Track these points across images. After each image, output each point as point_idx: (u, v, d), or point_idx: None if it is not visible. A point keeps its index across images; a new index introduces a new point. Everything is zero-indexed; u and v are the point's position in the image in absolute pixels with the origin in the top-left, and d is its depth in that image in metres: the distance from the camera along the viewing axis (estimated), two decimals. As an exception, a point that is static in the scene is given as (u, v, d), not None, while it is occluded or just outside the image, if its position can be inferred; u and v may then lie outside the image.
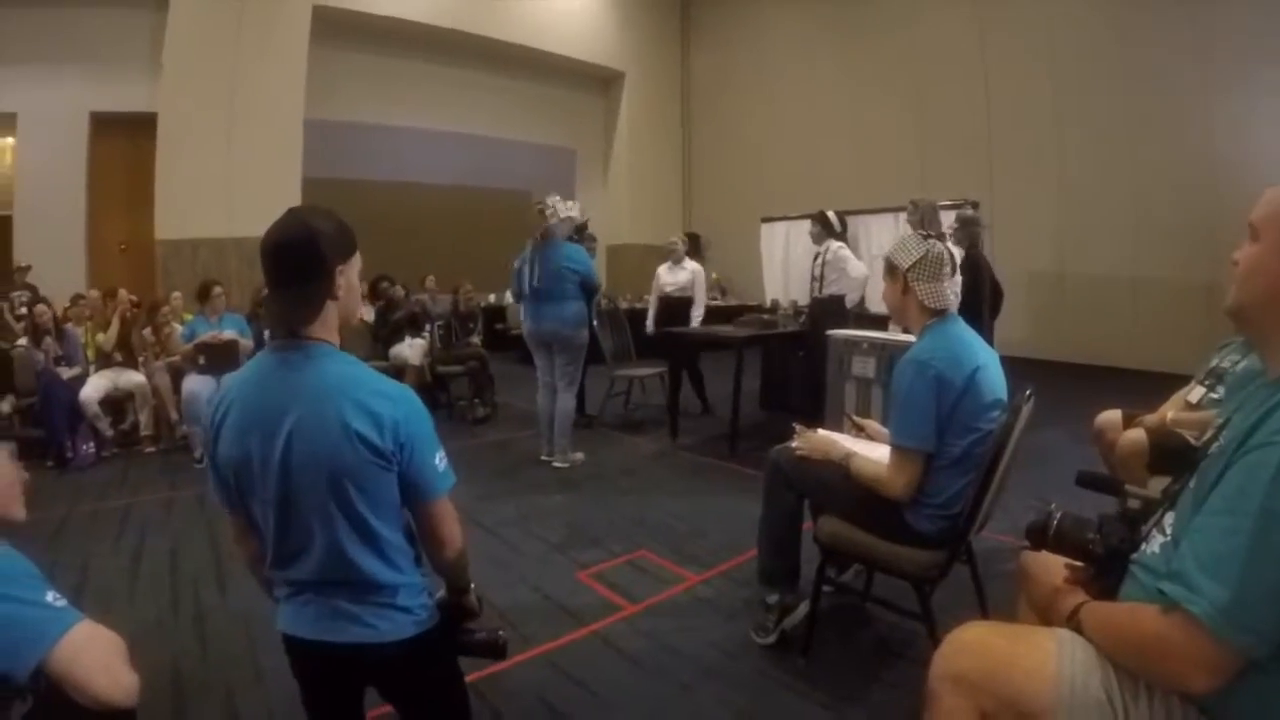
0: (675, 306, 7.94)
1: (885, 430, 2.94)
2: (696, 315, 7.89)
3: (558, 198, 5.74)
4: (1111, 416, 3.89)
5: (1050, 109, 10.70)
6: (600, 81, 16.40)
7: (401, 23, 12.60)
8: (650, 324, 8.14)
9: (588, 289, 5.85)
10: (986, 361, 2.54)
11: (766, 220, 10.55)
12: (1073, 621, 1.55)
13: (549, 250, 5.62)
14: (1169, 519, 1.51)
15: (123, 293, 7.05)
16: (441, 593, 1.88)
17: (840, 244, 6.81)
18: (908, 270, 2.63)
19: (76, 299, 7.90)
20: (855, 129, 13.39)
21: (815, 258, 6.84)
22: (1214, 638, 1.20)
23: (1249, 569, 1.17)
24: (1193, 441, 1.62)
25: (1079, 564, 1.64)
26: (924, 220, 5.93)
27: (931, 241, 2.66)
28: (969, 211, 6.65)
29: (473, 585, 1.92)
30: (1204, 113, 9.10)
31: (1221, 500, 1.27)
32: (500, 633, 1.90)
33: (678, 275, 8.06)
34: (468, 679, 2.00)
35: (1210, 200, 8.62)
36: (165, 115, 10.07)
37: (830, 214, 6.97)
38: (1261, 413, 1.27)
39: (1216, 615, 1.19)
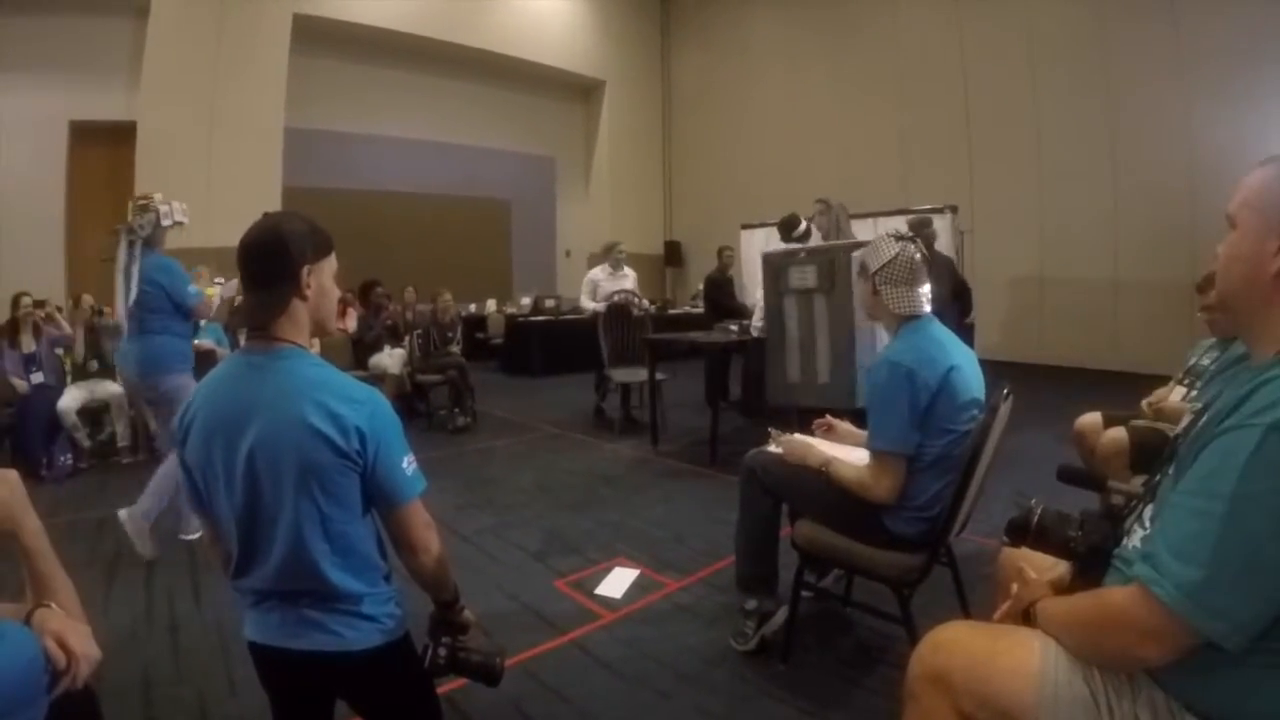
0: (625, 310, 7.63)
1: (853, 429, 2.92)
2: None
3: (159, 195, 4.36)
4: (1092, 419, 3.90)
5: (1030, 113, 10.81)
6: (580, 90, 16.46)
7: (382, 31, 12.61)
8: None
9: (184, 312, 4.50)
10: (961, 362, 2.51)
11: (746, 227, 10.57)
12: (1031, 618, 1.53)
13: (144, 261, 4.28)
14: (1149, 512, 1.48)
15: (87, 298, 7.00)
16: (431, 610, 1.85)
17: None
18: (875, 273, 2.61)
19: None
20: (836, 135, 13.48)
21: None
22: (1170, 611, 1.18)
23: (1219, 552, 1.15)
24: (1170, 435, 1.60)
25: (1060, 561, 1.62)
26: (836, 220, 5.86)
27: (904, 244, 2.61)
28: (923, 215, 6.64)
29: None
30: (1182, 116, 9.20)
31: (1195, 481, 1.24)
32: (498, 657, 1.84)
33: (623, 282, 7.87)
34: (441, 690, 1.96)
35: (1188, 203, 8.70)
36: (145, 124, 10.05)
37: (802, 219, 7.00)
38: (1242, 394, 1.24)
39: (1181, 598, 1.17)
